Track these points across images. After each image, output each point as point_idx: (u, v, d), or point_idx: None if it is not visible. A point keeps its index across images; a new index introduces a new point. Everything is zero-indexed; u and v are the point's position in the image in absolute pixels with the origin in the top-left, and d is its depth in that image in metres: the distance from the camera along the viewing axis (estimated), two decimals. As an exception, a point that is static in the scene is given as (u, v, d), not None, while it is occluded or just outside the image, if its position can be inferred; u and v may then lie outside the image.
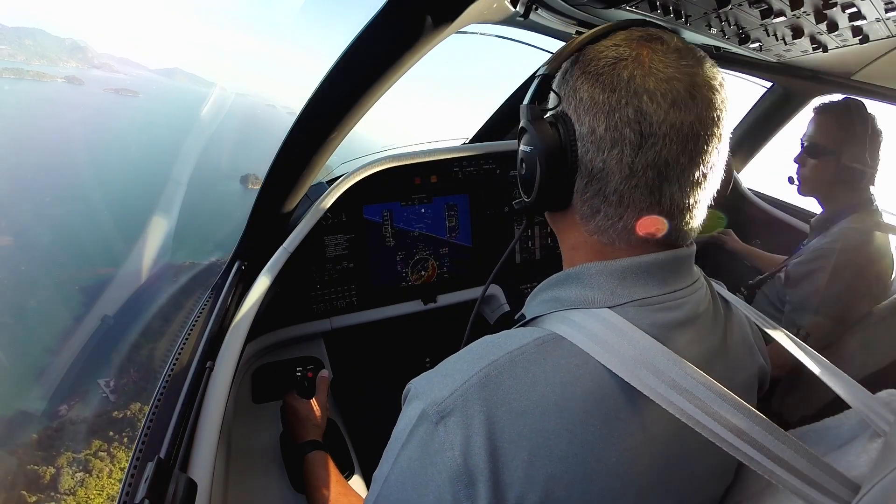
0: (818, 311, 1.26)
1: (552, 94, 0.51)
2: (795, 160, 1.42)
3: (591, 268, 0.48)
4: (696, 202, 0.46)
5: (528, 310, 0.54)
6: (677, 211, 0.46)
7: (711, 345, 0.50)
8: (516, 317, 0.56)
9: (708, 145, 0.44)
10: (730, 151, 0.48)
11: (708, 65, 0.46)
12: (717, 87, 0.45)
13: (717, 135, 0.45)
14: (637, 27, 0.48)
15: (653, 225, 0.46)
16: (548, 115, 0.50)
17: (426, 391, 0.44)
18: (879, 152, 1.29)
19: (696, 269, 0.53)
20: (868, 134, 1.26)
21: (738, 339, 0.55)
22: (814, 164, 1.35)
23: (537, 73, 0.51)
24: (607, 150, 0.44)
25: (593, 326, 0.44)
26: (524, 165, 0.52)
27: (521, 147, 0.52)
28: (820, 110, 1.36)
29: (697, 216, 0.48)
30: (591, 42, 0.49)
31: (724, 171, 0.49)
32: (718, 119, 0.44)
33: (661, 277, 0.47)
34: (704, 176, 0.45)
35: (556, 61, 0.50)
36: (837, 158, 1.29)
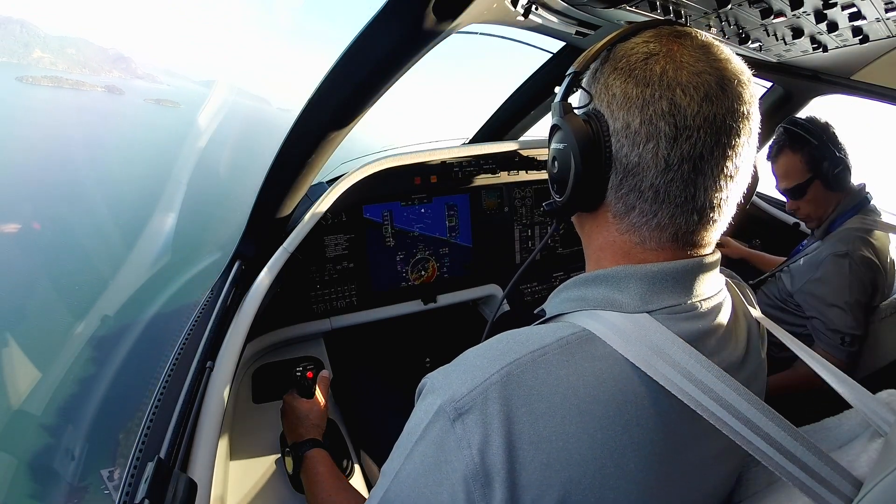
0: (851, 310, 1.24)
1: (582, 92, 0.51)
2: (790, 211, 1.42)
3: (621, 271, 0.48)
4: (727, 197, 0.47)
5: (550, 307, 0.54)
6: (709, 207, 0.46)
7: (733, 355, 0.50)
8: (536, 311, 0.55)
9: (739, 138, 0.45)
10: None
11: (735, 60, 0.47)
12: (746, 81, 0.46)
13: (748, 129, 0.45)
14: (665, 25, 0.49)
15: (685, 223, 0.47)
16: (580, 112, 0.50)
17: (443, 386, 0.44)
18: (840, 142, 1.29)
19: (721, 276, 0.53)
20: (823, 137, 1.27)
21: (755, 352, 0.55)
22: (805, 200, 1.35)
23: (567, 73, 0.51)
24: (643, 144, 0.44)
25: (629, 329, 0.43)
26: (556, 163, 0.51)
27: (554, 145, 0.52)
28: (772, 156, 1.37)
29: (727, 213, 0.48)
30: (620, 41, 0.49)
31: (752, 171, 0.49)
32: (748, 114, 0.45)
33: (688, 284, 0.47)
34: (737, 169, 0.46)
35: (585, 60, 0.49)
36: (820, 179, 1.30)
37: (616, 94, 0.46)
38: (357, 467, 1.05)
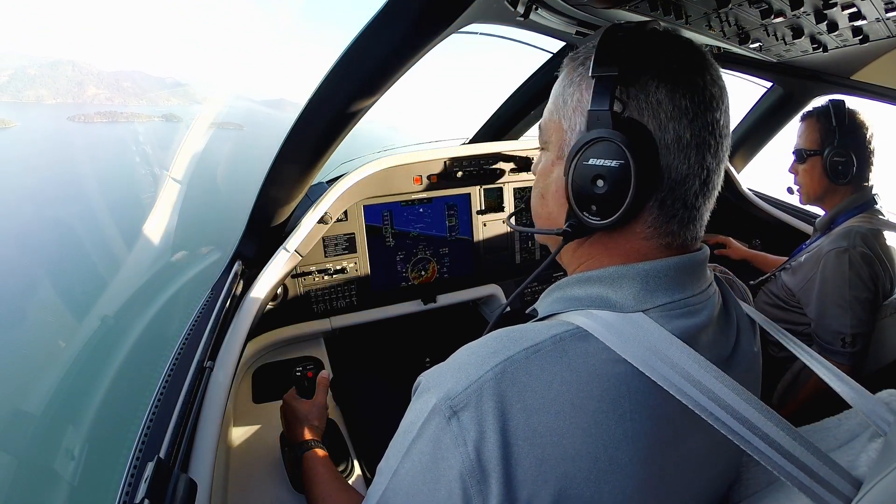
0: (851, 307, 1.24)
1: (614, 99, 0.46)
2: (790, 171, 1.44)
3: (615, 271, 0.48)
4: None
5: (542, 307, 0.54)
6: (706, 205, 0.49)
7: (724, 350, 0.50)
8: (528, 311, 0.55)
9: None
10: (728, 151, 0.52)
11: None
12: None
13: None
14: (658, 24, 0.50)
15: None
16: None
17: (438, 384, 0.44)
18: (866, 144, 1.28)
19: (710, 271, 0.53)
20: (845, 127, 1.28)
21: (746, 345, 0.55)
22: (802, 168, 1.38)
23: (594, 74, 0.46)
24: (694, 155, 0.45)
25: (624, 328, 0.44)
26: (604, 182, 0.46)
27: (596, 161, 0.46)
28: (803, 117, 1.38)
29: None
30: (632, 39, 0.46)
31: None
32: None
33: (680, 281, 0.47)
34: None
35: (613, 64, 0.45)
36: (821, 157, 1.32)
37: (663, 103, 0.44)
38: (357, 467, 1.05)
